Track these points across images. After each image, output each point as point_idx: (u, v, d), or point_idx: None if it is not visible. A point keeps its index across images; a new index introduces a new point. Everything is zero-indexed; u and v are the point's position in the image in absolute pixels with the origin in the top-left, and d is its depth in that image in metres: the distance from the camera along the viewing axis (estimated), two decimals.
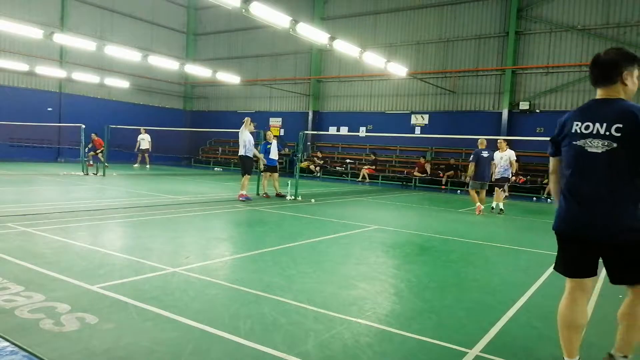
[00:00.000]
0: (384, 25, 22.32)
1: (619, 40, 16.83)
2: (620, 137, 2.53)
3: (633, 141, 2.52)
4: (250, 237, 7.34)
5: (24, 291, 3.80)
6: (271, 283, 4.45)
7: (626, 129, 2.52)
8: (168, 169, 22.29)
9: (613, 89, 2.67)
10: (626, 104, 2.60)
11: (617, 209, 2.56)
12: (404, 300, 4.28)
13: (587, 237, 2.65)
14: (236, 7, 9.82)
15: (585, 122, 2.67)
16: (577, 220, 2.69)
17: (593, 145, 2.63)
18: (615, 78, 2.66)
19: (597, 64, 2.71)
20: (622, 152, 2.54)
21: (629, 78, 2.67)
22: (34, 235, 6.04)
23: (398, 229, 8.24)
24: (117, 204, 9.50)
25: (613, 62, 2.66)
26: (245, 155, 11.36)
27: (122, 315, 3.43)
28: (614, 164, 2.56)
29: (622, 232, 2.55)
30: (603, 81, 2.69)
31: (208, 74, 21.44)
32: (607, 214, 2.58)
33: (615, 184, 2.57)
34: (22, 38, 20.21)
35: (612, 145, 2.55)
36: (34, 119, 20.49)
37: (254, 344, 3.05)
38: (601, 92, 2.71)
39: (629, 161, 2.54)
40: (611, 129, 2.55)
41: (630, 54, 2.71)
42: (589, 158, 2.64)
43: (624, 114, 2.55)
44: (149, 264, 4.94)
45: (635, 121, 2.51)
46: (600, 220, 2.59)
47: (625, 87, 2.68)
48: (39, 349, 2.81)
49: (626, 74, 2.65)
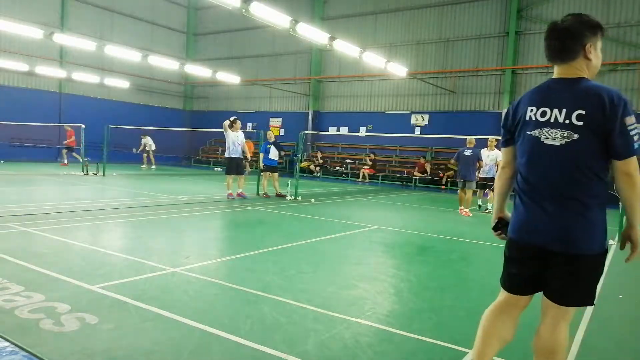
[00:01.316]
0: (384, 25, 22.32)
1: (619, 40, 16.84)
2: (583, 127, 2.07)
3: (598, 131, 2.05)
4: (250, 237, 7.34)
5: (24, 291, 3.80)
6: (271, 283, 4.45)
7: (589, 117, 2.05)
8: (168, 169, 22.29)
9: (574, 66, 2.19)
10: (591, 85, 2.12)
11: (577, 213, 2.10)
12: (404, 300, 4.28)
13: (540, 245, 2.18)
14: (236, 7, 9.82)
15: (541, 108, 2.19)
16: (529, 226, 2.22)
17: (550, 136, 2.15)
18: (577, 52, 2.17)
19: (554, 34, 2.23)
20: (585, 145, 2.07)
21: (593, 51, 2.20)
22: (34, 235, 6.04)
23: (398, 229, 8.24)
24: (117, 204, 9.50)
25: (574, 31, 2.18)
26: (228, 156, 11.33)
27: (122, 315, 3.43)
28: (574, 159, 2.10)
29: (581, 241, 2.10)
30: (562, 56, 2.20)
31: (208, 74, 21.45)
32: (564, 219, 2.12)
33: (577, 182, 2.10)
34: (22, 38, 20.22)
35: (573, 136, 2.09)
36: (34, 119, 20.48)
37: (254, 344, 3.05)
38: (560, 70, 2.22)
39: (593, 155, 2.08)
40: (572, 116, 2.09)
41: (594, 21, 2.23)
42: (545, 151, 2.16)
43: (588, 98, 2.08)
44: (149, 264, 4.94)
45: (601, 106, 2.04)
46: (556, 226, 2.13)
47: (589, 63, 2.20)
48: (39, 349, 2.81)
49: (589, 47, 2.18)
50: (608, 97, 2.04)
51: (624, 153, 2.04)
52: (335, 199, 13.27)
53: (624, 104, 2.03)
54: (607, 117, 2.03)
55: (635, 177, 2.06)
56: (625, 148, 2.03)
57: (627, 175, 2.06)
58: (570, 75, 2.19)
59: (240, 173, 11.61)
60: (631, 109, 2.07)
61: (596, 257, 2.14)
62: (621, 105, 2.03)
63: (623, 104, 2.03)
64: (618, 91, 2.08)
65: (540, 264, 2.22)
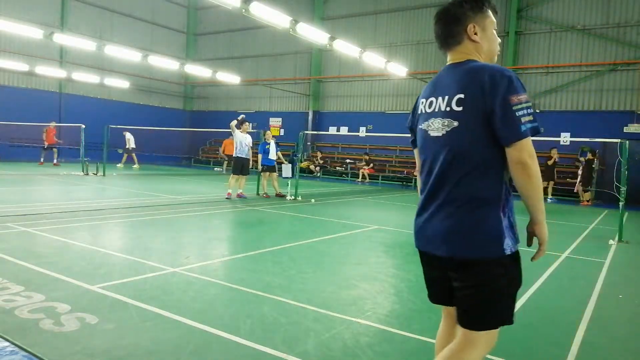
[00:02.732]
0: (384, 25, 22.32)
1: (619, 40, 16.84)
2: (462, 112, 1.81)
3: (479, 115, 1.77)
4: (250, 237, 7.34)
5: (24, 291, 3.80)
6: (271, 283, 4.45)
7: (469, 100, 1.79)
8: (168, 169, 22.29)
9: (461, 51, 1.95)
10: (473, 65, 1.86)
11: (463, 212, 1.83)
12: (404, 300, 4.28)
13: (431, 251, 1.96)
14: (236, 7, 9.83)
15: (429, 98, 1.97)
16: (421, 230, 2.00)
17: (434, 126, 1.91)
18: (460, 34, 1.94)
19: (437, 19, 2.01)
20: (466, 133, 1.81)
21: (480, 32, 1.94)
22: (34, 235, 6.03)
23: (398, 229, 8.24)
24: (117, 204, 9.50)
25: (455, 13, 1.95)
26: (236, 156, 11.52)
27: (122, 315, 3.43)
28: (456, 150, 1.83)
29: (469, 244, 1.82)
30: (447, 41, 1.98)
31: (208, 74, 21.45)
32: (449, 219, 1.85)
33: (460, 177, 1.83)
34: (22, 38, 20.21)
35: (453, 124, 1.83)
36: (34, 119, 20.48)
37: (254, 344, 3.05)
38: (450, 56, 1.99)
39: (477, 144, 1.80)
40: (452, 102, 1.84)
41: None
42: (430, 145, 1.94)
43: (468, 79, 1.82)
44: (149, 264, 4.94)
45: (480, 86, 1.77)
46: (442, 229, 1.87)
47: (478, 46, 1.95)
48: (39, 349, 2.81)
49: (473, 28, 1.93)
50: (489, 74, 1.77)
51: (510, 136, 1.73)
52: (335, 199, 13.27)
53: (507, 81, 1.75)
54: (486, 97, 1.75)
55: (530, 166, 1.74)
56: (510, 130, 1.72)
57: (519, 163, 1.74)
58: (457, 59, 1.95)
59: (245, 174, 11.67)
60: (521, 87, 1.77)
61: (492, 264, 1.81)
62: (504, 82, 1.75)
63: (507, 81, 1.75)
64: (502, 68, 1.81)
65: (440, 273, 1.98)
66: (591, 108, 17.64)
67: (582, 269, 5.93)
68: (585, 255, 6.60)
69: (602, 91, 17.45)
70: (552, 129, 17.42)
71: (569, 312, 4.11)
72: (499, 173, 1.82)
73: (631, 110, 16.86)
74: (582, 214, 12.54)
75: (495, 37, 2.02)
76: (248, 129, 11.74)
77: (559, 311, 4.14)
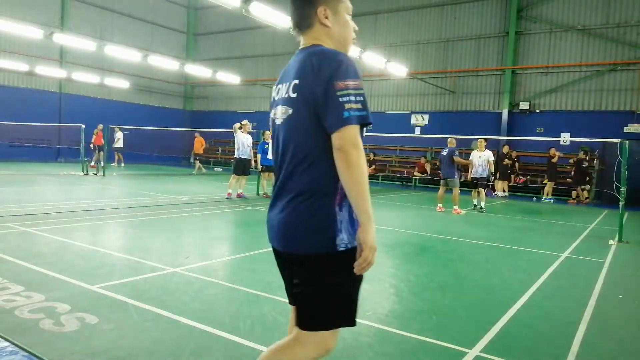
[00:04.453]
0: (384, 25, 22.32)
1: (619, 40, 16.84)
2: (296, 99, 1.72)
3: (310, 101, 1.67)
4: (250, 237, 7.34)
5: (24, 291, 3.80)
6: (271, 283, 4.45)
7: (302, 85, 1.70)
8: (168, 169, 22.29)
9: (311, 35, 1.84)
10: (312, 50, 1.75)
11: (297, 204, 1.72)
12: (404, 300, 4.28)
13: (275, 247, 1.88)
14: (236, 7, 9.82)
15: (279, 85, 1.89)
16: (268, 224, 1.91)
17: (278, 114, 1.83)
18: (310, 18, 1.82)
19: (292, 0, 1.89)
20: (299, 121, 1.72)
21: (331, 16, 1.83)
22: (34, 235, 6.04)
23: (398, 229, 8.24)
24: (117, 204, 9.50)
25: None
26: (237, 157, 11.64)
27: (122, 315, 3.43)
28: (290, 139, 1.75)
29: (301, 238, 1.72)
30: (299, 24, 1.86)
31: (208, 74, 21.45)
32: (285, 212, 1.76)
33: (295, 167, 1.74)
34: (22, 38, 20.21)
35: (288, 111, 1.76)
36: (34, 119, 20.48)
37: (254, 344, 3.05)
38: (302, 40, 1.88)
39: (309, 133, 1.70)
40: (290, 88, 1.76)
41: None
42: (276, 134, 1.87)
43: (304, 64, 1.72)
44: (149, 264, 4.94)
45: (311, 70, 1.67)
46: (279, 221, 1.79)
47: (329, 31, 1.83)
48: (39, 349, 2.81)
49: (323, 11, 1.81)
50: (319, 58, 1.67)
51: (333, 123, 1.61)
52: None
53: (336, 65, 1.64)
54: (315, 82, 1.65)
55: (350, 154, 1.59)
56: (333, 117, 1.61)
57: (339, 150, 1.61)
58: (306, 44, 1.84)
59: (246, 174, 11.78)
60: (352, 72, 1.66)
61: (323, 259, 1.69)
62: (331, 67, 1.64)
63: (335, 65, 1.64)
64: (336, 52, 1.72)
65: (287, 271, 1.88)
66: (591, 108, 17.63)
67: (582, 269, 5.93)
68: (585, 255, 6.62)
69: (602, 91, 17.45)
70: (552, 128, 17.43)
71: (569, 312, 4.11)
72: (333, 164, 1.66)
73: (631, 110, 16.85)
74: (582, 214, 12.55)
75: (349, 22, 1.91)
76: (249, 129, 11.81)
77: (559, 311, 4.13)
